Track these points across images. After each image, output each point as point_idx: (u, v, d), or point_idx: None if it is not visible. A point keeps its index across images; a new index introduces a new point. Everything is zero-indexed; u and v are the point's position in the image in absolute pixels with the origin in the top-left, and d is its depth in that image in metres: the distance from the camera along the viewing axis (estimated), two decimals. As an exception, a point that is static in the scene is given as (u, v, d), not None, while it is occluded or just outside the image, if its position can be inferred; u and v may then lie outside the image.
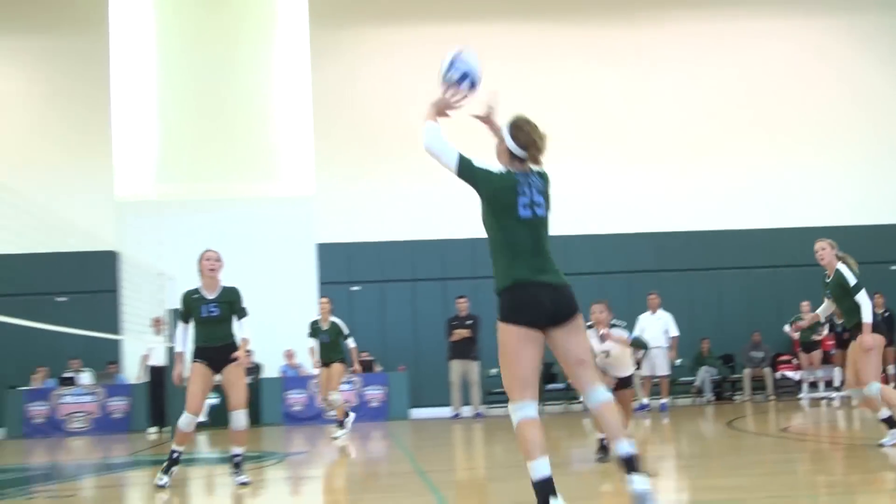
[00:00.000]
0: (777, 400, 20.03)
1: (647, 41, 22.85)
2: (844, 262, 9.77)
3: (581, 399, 6.16)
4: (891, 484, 7.46)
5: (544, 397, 19.26)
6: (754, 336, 20.79)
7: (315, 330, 14.86)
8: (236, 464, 9.07)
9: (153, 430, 18.17)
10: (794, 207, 21.92)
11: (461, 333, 19.05)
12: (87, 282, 20.04)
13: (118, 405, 19.28)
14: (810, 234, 22.05)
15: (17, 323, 11.24)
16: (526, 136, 6.65)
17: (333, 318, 14.86)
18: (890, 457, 8.85)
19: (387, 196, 21.90)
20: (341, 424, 14.31)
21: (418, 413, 20.01)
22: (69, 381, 19.60)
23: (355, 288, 21.67)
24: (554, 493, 5.65)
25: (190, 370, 9.35)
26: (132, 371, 20.66)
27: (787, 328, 20.16)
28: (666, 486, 8.12)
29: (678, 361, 20.67)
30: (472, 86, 6.76)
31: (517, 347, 5.89)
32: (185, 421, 9.10)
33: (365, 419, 19.05)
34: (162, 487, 8.86)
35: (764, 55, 22.88)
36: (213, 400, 16.32)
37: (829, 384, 19.97)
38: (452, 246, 21.71)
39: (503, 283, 6.15)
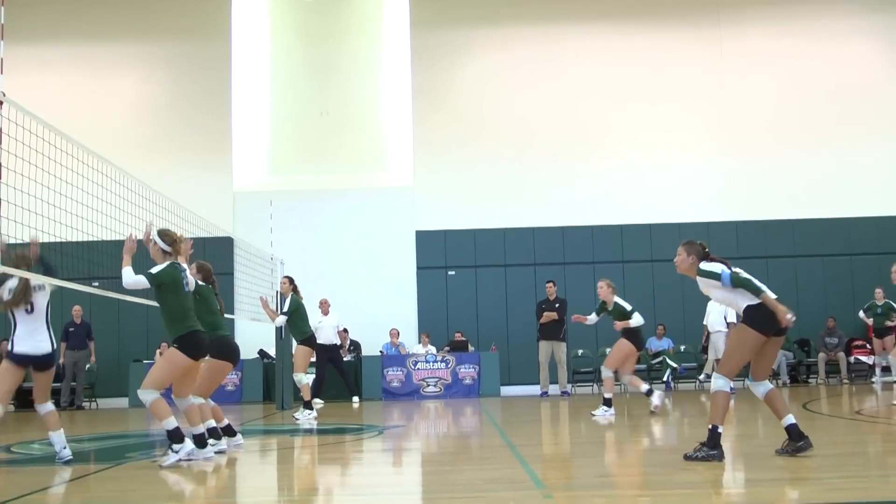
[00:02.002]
0: (850, 383, 19.57)
1: (733, 39, 22.49)
2: None
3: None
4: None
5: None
6: (829, 322, 20.33)
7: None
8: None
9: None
10: (871, 197, 21.40)
11: (549, 316, 18.94)
12: (206, 265, 20.36)
13: (231, 378, 19.56)
14: (886, 224, 21.71)
15: (141, 303, 11.44)
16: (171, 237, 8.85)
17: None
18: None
19: (480, 186, 21.90)
20: (308, 405, 13.93)
21: (508, 390, 19.99)
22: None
23: (451, 272, 21.72)
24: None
25: None
26: (243, 347, 20.90)
27: (861, 314, 19.70)
28: (739, 464, 7.97)
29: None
30: None
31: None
32: None
33: (458, 395, 19.11)
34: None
35: (847, 51, 22.39)
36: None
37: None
38: (542, 233, 21.67)
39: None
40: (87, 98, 22.08)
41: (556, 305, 18.97)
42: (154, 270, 8.56)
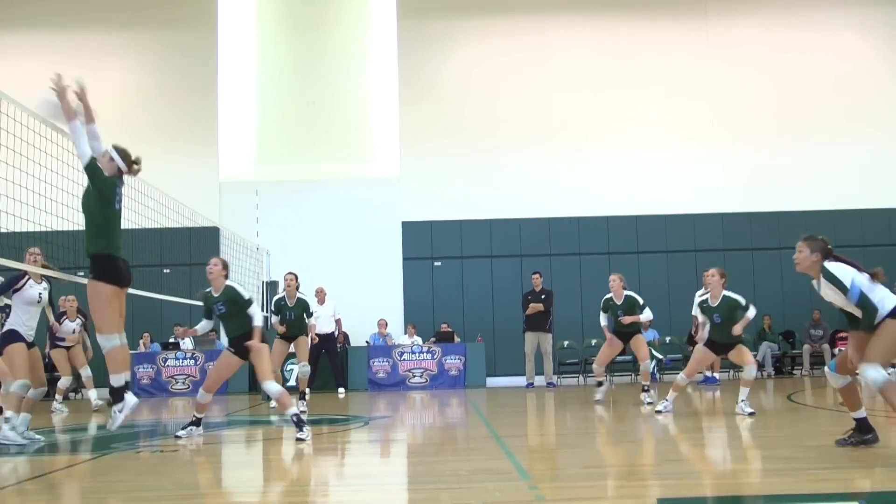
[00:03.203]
0: (836, 375, 19.64)
1: (719, 32, 22.56)
2: None
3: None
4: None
5: (612, 369, 19.13)
6: (814, 314, 20.41)
7: (280, 307, 13.95)
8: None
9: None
10: (856, 190, 21.49)
11: (535, 307, 18.95)
12: (191, 255, 20.31)
13: (217, 370, 19.50)
14: (870, 216, 21.80)
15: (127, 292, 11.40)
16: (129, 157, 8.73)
17: (300, 295, 14.01)
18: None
19: (467, 177, 21.92)
20: (303, 396, 13.73)
21: (494, 381, 20.02)
22: (173, 346, 19.93)
23: (437, 263, 21.73)
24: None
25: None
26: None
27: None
28: (723, 455, 8.00)
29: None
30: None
31: None
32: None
33: (444, 386, 19.11)
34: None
35: (834, 44, 22.49)
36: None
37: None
38: (528, 224, 21.71)
39: None
40: (73, 87, 21.94)
41: (543, 297, 18.99)
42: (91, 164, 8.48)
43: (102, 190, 8.33)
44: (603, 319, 13.76)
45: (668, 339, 20.78)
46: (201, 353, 19.61)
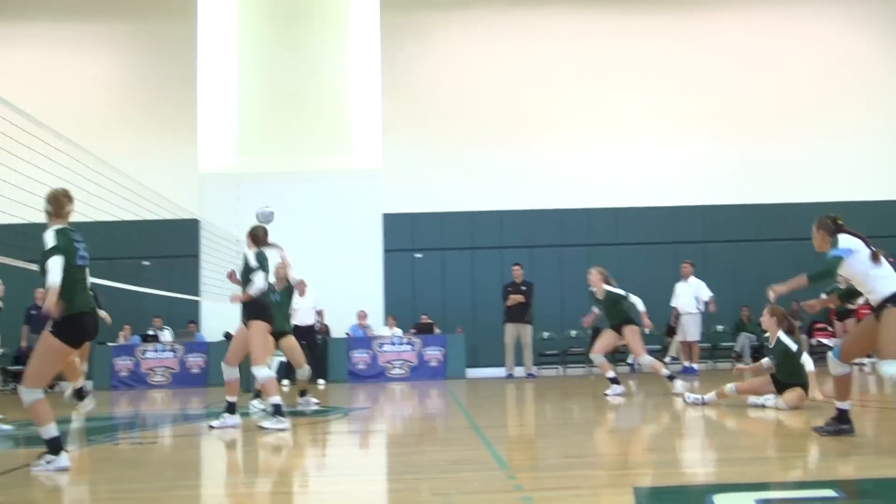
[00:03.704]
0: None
1: (700, 23, 22.63)
2: None
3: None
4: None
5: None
6: (792, 305, 20.49)
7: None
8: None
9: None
10: (835, 183, 21.57)
11: (516, 299, 19.00)
12: (170, 247, 20.25)
13: (196, 361, 19.51)
14: (850, 209, 21.87)
15: (106, 284, 11.40)
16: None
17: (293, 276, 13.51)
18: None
19: (448, 169, 21.90)
20: (304, 393, 12.78)
21: (474, 373, 20.05)
22: (152, 339, 19.88)
23: (418, 255, 21.72)
24: None
25: None
26: (209, 330, 20.95)
27: (823, 297, 19.88)
28: (699, 444, 8.06)
29: (719, 328, 20.62)
30: None
31: None
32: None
33: (424, 378, 19.14)
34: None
35: (821, 35, 22.59)
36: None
37: (862, 351, 19.64)
38: (509, 216, 21.72)
39: None
40: (51, 77, 21.85)
41: (523, 288, 19.02)
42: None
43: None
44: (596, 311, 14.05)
45: (646, 330, 20.81)
46: (180, 346, 19.57)
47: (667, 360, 19.79)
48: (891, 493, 5.52)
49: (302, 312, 17.05)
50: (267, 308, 10.34)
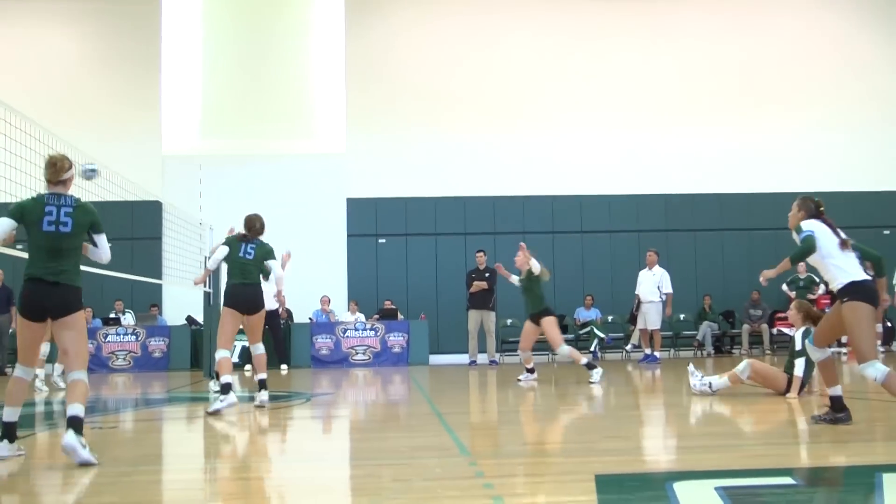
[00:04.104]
0: (773, 354, 19.97)
1: (665, 12, 22.70)
2: None
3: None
4: (879, 435, 7.43)
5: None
6: (754, 294, 20.69)
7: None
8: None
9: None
10: (796, 172, 21.75)
11: (479, 285, 19.04)
12: (133, 229, 20.09)
13: (158, 345, 19.39)
14: (795, 199, 22.11)
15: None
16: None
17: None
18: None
19: (412, 154, 21.88)
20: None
21: (437, 359, 20.09)
22: (114, 322, 19.73)
23: (382, 240, 21.70)
24: None
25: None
26: (171, 313, 20.82)
27: (784, 287, 20.09)
28: (661, 432, 8.11)
29: (681, 316, 20.75)
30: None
31: None
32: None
33: (387, 364, 19.14)
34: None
35: (768, 27, 22.74)
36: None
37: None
38: (473, 203, 21.74)
39: None
40: (9, 54, 21.58)
41: (487, 275, 19.06)
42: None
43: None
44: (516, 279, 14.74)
45: (610, 318, 20.97)
46: (142, 329, 19.44)
47: (629, 347, 19.94)
48: (848, 480, 5.60)
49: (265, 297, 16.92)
50: (233, 295, 10.31)
